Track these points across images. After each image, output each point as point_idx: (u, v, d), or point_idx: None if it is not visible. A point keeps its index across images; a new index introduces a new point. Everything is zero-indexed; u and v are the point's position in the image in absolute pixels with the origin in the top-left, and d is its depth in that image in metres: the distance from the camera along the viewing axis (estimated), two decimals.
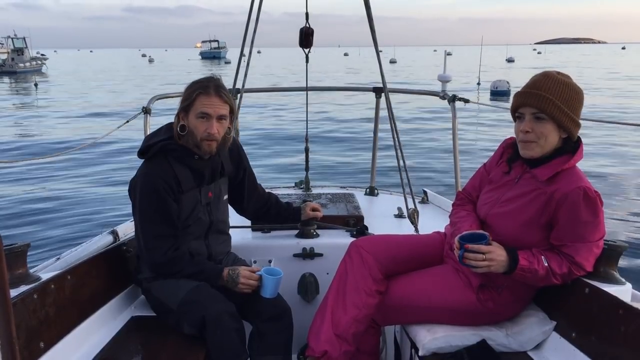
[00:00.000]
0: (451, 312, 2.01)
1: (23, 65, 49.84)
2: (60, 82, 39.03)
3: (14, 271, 1.83)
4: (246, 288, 2.11)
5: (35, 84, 34.34)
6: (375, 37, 2.96)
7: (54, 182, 9.53)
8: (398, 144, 2.94)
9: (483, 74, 27.32)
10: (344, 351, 1.98)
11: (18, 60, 49.71)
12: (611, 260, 1.92)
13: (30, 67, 50.88)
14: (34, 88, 32.84)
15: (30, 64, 51.27)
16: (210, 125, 2.08)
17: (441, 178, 9.39)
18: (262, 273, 2.12)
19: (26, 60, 51.10)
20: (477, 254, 1.81)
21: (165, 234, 2.09)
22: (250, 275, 2.12)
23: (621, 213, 7.60)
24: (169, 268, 2.10)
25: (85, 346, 1.92)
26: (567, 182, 1.81)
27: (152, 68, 60.02)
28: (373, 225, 2.73)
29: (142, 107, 3.16)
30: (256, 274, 2.13)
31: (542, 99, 1.81)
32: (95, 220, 7.19)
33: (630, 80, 34.90)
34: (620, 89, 28.25)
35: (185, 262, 2.11)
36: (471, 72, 23.92)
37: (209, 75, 2.17)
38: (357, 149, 12.49)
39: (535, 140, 1.85)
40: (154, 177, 2.07)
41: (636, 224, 7.13)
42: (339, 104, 20.67)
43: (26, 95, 28.14)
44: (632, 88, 28.82)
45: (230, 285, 2.12)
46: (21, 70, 48.88)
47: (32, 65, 51.57)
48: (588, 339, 1.78)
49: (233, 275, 2.12)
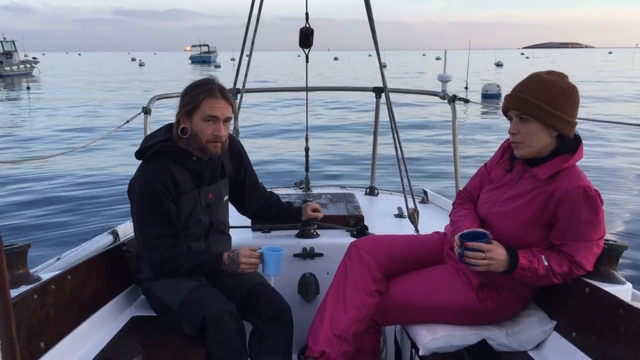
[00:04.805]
0: (451, 312, 2.01)
1: (10, 69, 49.11)
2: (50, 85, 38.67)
3: (14, 271, 1.83)
4: (248, 267, 2.09)
5: (28, 87, 34.10)
6: (376, 37, 2.96)
7: (54, 182, 9.53)
8: (398, 143, 2.94)
9: (474, 77, 27.14)
10: (343, 351, 1.98)
11: (6, 64, 48.88)
12: (611, 260, 1.92)
13: (18, 70, 50.24)
14: (22, 93, 32.33)
15: (18, 68, 50.62)
16: (217, 128, 2.08)
17: (441, 177, 9.40)
18: (263, 251, 2.10)
19: (15, 64, 50.41)
20: (477, 252, 1.81)
21: (163, 234, 2.08)
22: (250, 254, 2.10)
23: (621, 212, 7.60)
24: (168, 265, 2.09)
25: (86, 346, 1.92)
26: (567, 181, 1.82)
27: (144, 73, 59.02)
28: (373, 225, 2.73)
29: (142, 107, 3.16)
30: (257, 252, 2.11)
31: (521, 100, 1.84)
32: (95, 220, 7.19)
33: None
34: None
35: (184, 256, 2.09)
36: (460, 77, 23.95)
37: (207, 77, 2.17)
38: (357, 148, 12.52)
39: (521, 141, 1.88)
40: (152, 179, 2.07)
41: (636, 224, 7.13)
42: (339, 104, 20.71)
43: (13, 101, 27.54)
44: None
45: (232, 267, 2.10)
46: (8, 74, 48.07)
47: (21, 69, 50.93)
48: (588, 338, 1.78)
49: (233, 257, 2.10)
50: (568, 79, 1.88)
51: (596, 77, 40.54)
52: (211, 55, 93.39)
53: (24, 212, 7.70)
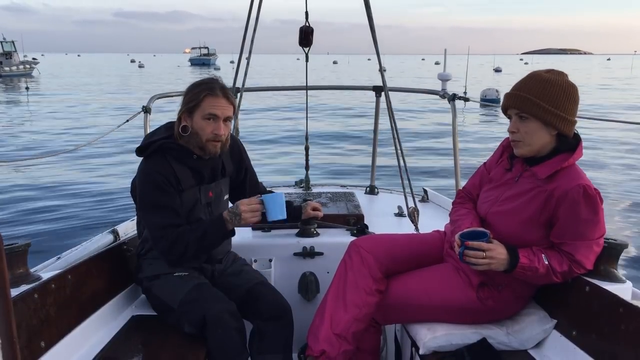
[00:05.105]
0: (451, 311, 2.01)
1: (10, 69, 49.23)
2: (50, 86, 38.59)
3: (14, 270, 1.83)
4: (251, 215, 2.07)
5: (27, 87, 34.07)
6: (375, 36, 2.96)
7: (54, 182, 9.53)
8: (398, 142, 2.95)
9: (472, 82, 26.94)
10: (343, 350, 1.98)
11: (6, 64, 49.02)
12: (611, 259, 1.92)
13: (17, 71, 50.32)
14: (21, 92, 32.33)
15: (18, 68, 50.70)
16: (217, 127, 2.08)
17: (441, 177, 9.40)
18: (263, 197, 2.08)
19: (14, 64, 50.50)
20: (478, 252, 1.81)
21: (168, 224, 2.07)
22: (249, 201, 2.09)
23: (621, 211, 7.60)
24: (177, 250, 2.06)
25: (86, 345, 1.92)
26: (566, 180, 1.81)
27: (144, 75, 58.66)
28: (373, 224, 2.73)
29: (142, 106, 3.16)
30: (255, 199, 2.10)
31: (521, 99, 1.84)
32: (95, 220, 7.20)
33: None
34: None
35: (187, 235, 2.07)
36: (458, 82, 23.87)
37: (210, 77, 2.17)
38: (357, 148, 12.51)
39: (520, 140, 1.88)
40: (153, 172, 2.07)
41: (636, 223, 7.13)
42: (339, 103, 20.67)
43: (10, 101, 27.43)
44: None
45: (236, 221, 2.08)
46: (7, 74, 48.19)
47: (20, 69, 50.99)
48: (588, 337, 1.78)
49: (233, 210, 2.08)
50: (568, 78, 1.87)
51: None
52: (211, 58, 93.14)
53: (24, 211, 7.70)
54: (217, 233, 2.10)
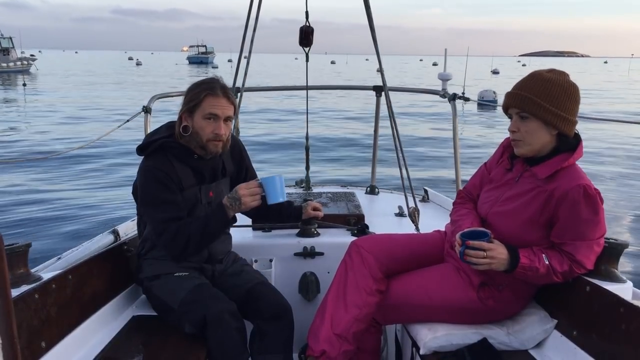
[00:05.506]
0: (452, 311, 2.01)
1: (6, 65, 49.24)
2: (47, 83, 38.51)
3: (15, 271, 1.83)
4: (251, 199, 2.06)
5: (24, 84, 34.07)
6: (375, 36, 2.96)
7: (54, 181, 9.52)
8: (398, 142, 2.94)
9: (470, 84, 26.73)
10: (343, 351, 1.98)
11: (3, 61, 49.03)
12: (612, 259, 1.92)
13: (15, 67, 50.30)
14: (18, 87, 32.23)
15: (15, 65, 50.67)
16: (218, 126, 2.08)
17: (441, 177, 9.39)
18: (261, 179, 2.07)
19: (11, 61, 50.50)
20: (478, 251, 1.81)
21: (171, 217, 2.07)
22: (248, 185, 2.08)
23: (621, 210, 7.60)
24: (179, 243, 2.07)
25: (87, 346, 1.92)
26: (567, 180, 1.81)
27: (142, 73, 58.31)
28: (374, 224, 2.73)
29: (143, 107, 3.16)
30: (254, 182, 2.09)
31: (521, 98, 1.84)
32: (95, 220, 7.19)
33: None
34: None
35: (188, 227, 2.07)
36: (456, 83, 23.77)
37: (212, 77, 2.18)
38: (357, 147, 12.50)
39: (521, 139, 1.88)
40: (154, 169, 2.07)
41: (636, 223, 7.12)
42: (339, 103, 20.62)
43: (8, 100, 27.34)
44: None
45: (236, 206, 2.07)
46: (4, 70, 48.27)
47: (18, 65, 50.95)
48: (589, 337, 1.78)
49: (233, 195, 2.07)
50: (569, 77, 1.87)
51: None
52: (209, 56, 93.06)
53: (24, 212, 7.69)
54: (219, 221, 2.09)
